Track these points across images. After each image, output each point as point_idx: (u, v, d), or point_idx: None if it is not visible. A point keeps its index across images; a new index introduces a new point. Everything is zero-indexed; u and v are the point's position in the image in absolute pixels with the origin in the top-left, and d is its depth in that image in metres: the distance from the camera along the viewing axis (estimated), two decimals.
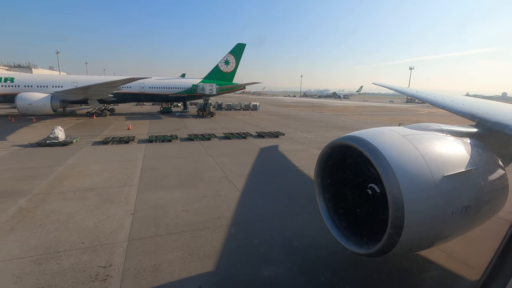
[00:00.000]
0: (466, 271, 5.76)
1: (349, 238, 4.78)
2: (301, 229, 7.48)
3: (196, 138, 20.10)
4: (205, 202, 9.02)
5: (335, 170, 5.21)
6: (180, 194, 9.68)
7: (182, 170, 12.55)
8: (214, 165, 13.45)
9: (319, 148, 18.01)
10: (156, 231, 7.11)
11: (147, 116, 36.34)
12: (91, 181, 10.72)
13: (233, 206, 8.80)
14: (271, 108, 56.98)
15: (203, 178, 11.44)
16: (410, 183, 3.74)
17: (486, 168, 4.46)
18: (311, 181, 12.10)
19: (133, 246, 6.41)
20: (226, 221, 7.80)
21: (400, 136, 4.32)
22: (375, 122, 35.20)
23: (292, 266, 5.89)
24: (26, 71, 79.06)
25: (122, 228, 7.20)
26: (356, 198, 5.21)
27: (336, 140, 4.79)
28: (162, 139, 19.19)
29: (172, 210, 8.38)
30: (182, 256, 6.07)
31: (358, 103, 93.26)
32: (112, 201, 8.96)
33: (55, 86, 32.23)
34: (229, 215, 8.12)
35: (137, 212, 8.19)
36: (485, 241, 6.67)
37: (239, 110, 48.51)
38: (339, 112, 50.57)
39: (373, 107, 69.13)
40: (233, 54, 41.71)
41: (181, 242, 6.65)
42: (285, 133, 22.89)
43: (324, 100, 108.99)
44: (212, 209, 8.50)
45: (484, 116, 5.38)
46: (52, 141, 16.62)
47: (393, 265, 5.86)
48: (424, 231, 3.93)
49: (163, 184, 10.63)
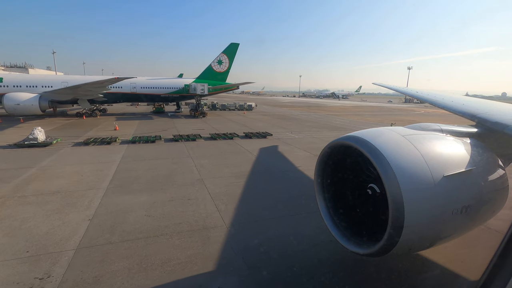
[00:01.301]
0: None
1: (349, 238, 4.77)
2: (267, 235, 7.10)
3: (181, 138, 19.74)
4: (171, 207, 8.65)
5: (335, 170, 5.21)
6: (147, 197, 9.31)
7: (158, 172, 12.19)
8: (192, 167, 13.09)
9: (305, 149, 17.87)
10: (110, 238, 6.74)
11: (138, 116, 35.99)
12: (59, 184, 10.36)
13: (199, 210, 8.43)
14: (267, 108, 56.63)
15: (176, 181, 11.07)
16: (410, 183, 3.73)
17: (486, 168, 4.45)
18: (292, 183, 11.74)
19: (80, 255, 6.04)
20: (188, 226, 7.43)
21: (400, 136, 4.31)
22: (369, 122, 34.81)
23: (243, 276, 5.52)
24: (23, 71, 78.82)
25: (74, 235, 6.83)
26: (356, 198, 5.20)
27: (336, 140, 4.76)
28: (146, 140, 18.83)
29: (134, 215, 8.02)
30: (129, 266, 5.70)
31: (356, 103, 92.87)
32: (74, 205, 8.59)
33: (44, 86, 31.88)
34: (192, 221, 7.75)
35: (96, 217, 7.82)
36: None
37: (233, 110, 48.22)
38: (335, 112, 50.21)
39: (370, 107, 68.73)
40: (226, 53, 41.31)
41: (133, 250, 6.28)
42: (273, 134, 22.52)
43: (322, 100, 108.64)
44: (176, 214, 8.14)
45: (484, 116, 5.34)
46: (31, 142, 16.26)
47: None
48: (424, 231, 3.93)
49: (132, 187, 10.26)
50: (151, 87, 37.71)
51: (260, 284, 5.36)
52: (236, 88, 44.12)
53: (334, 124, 31.28)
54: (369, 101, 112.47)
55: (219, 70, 41.46)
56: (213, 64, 41.28)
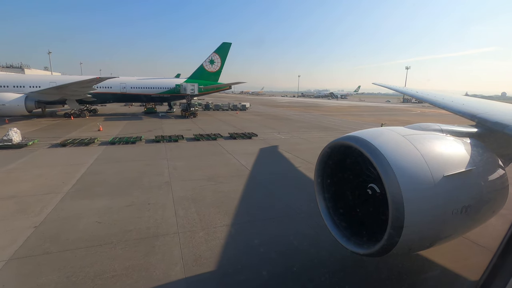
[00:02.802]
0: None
1: (349, 238, 4.76)
2: (220, 244, 6.66)
3: (163, 139, 19.31)
4: (127, 212, 8.22)
5: (335, 170, 5.19)
6: (106, 202, 8.88)
7: (126, 175, 11.76)
8: (164, 169, 12.65)
9: (287, 150, 17.41)
10: (48, 248, 6.31)
11: (128, 117, 35.54)
12: (18, 188, 9.93)
13: (156, 216, 8.00)
14: (262, 108, 56.18)
15: (143, 184, 10.64)
16: (410, 183, 3.73)
17: (486, 168, 4.45)
18: (263, 187, 11.12)
19: (8, 268, 5.61)
20: (137, 234, 6.99)
21: (400, 136, 4.31)
22: (360, 122, 34.31)
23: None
24: (19, 71, 78.48)
25: (11, 245, 6.39)
26: (356, 198, 5.18)
27: (336, 140, 4.75)
28: (126, 141, 18.40)
29: (85, 221, 7.59)
30: (57, 280, 5.27)
31: (354, 103, 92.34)
32: (25, 211, 8.16)
33: (32, 86, 31.49)
34: (144, 228, 7.32)
35: (43, 224, 7.39)
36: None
37: (227, 110, 47.83)
38: (330, 112, 49.72)
39: (367, 107, 68.21)
40: (218, 53, 40.84)
41: (68, 261, 5.84)
42: (258, 134, 22.06)
43: (320, 100, 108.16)
44: (130, 220, 7.71)
45: (484, 116, 5.34)
46: (5, 144, 15.86)
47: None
48: (424, 231, 3.93)
49: (94, 191, 9.83)
50: (142, 87, 37.28)
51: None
52: (228, 88, 43.67)
53: (325, 125, 30.80)
54: (367, 101, 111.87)
55: (211, 70, 41.01)
56: (205, 64, 40.84)
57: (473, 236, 6.75)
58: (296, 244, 6.79)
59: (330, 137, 22.40)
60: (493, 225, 6.83)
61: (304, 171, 12.97)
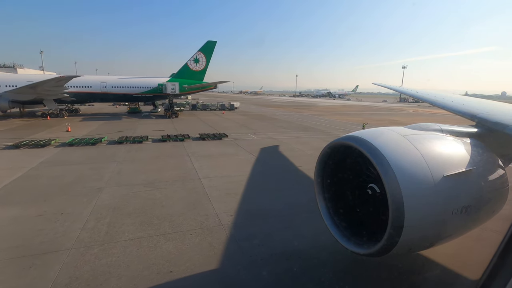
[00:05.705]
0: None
1: (349, 238, 4.75)
2: (118, 262, 5.83)
3: (126, 141, 18.52)
4: (31, 223, 7.41)
5: (335, 170, 5.16)
6: (16, 212, 8.08)
7: (61, 180, 10.94)
8: (106, 173, 11.84)
9: (251, 151, 16.57)
10: None
11: (108, 117, 34.72)
12: None
13: (60, 228, 7.17)
14: (253, 108, 55.38)
15: (72, 190, 9.82)
16: (410, 183, 3.72)
17: (486, 168, 4.44)
18: (201, 195, 10.15)
19: None
20: (24, 251, 6.17)
21: (400, 136, 4.29)
22: (348, 122, 33.42)
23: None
24: (11, 71, 77.93)
25: None
26: (356, 198, 5.16)
27: (336, 140, 4.73)
28: (86, 143, 17.61)
29: None
30: None
31: (349, 102, 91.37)
32: None
33: (8, 86, 30.77)
34: (37, 243, 6.49)
35: None
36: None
37: (215, 110, 47.07)
38: (321, 112, 48.83)
39: (360, 107, 67.22)
40: (203, 52, 39.97)
41: None
42: (229, 135, 21.23)
43: (316, 100, 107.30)
44: (28, 233, 6.89)
45: (484, 116, 5.32)
46: None
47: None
48: (424, 231, 3.92)
49: (12, 199, 9.03)
50: (123, 86, 36.48)
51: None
52: (214, 87, 42.83)
53: (308, 125, 29.89)
54: (364, 101, 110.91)
55: (196, 68, 40.14)
56: (189, 63, 39.97)
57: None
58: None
59: (307, 138, 21.58)
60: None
61: (257, 175, 12.13)
